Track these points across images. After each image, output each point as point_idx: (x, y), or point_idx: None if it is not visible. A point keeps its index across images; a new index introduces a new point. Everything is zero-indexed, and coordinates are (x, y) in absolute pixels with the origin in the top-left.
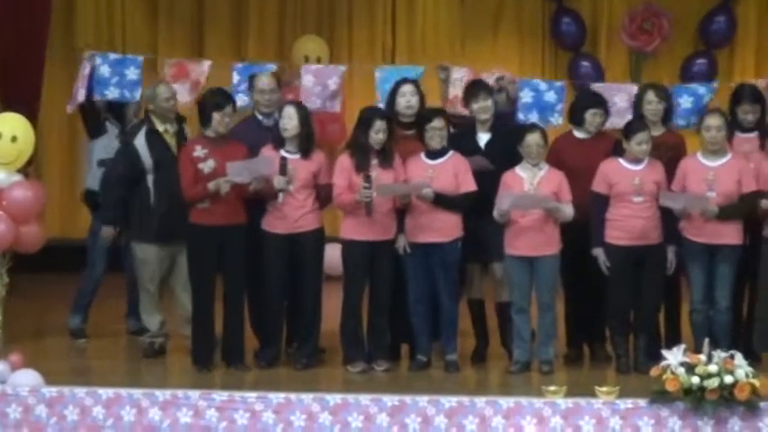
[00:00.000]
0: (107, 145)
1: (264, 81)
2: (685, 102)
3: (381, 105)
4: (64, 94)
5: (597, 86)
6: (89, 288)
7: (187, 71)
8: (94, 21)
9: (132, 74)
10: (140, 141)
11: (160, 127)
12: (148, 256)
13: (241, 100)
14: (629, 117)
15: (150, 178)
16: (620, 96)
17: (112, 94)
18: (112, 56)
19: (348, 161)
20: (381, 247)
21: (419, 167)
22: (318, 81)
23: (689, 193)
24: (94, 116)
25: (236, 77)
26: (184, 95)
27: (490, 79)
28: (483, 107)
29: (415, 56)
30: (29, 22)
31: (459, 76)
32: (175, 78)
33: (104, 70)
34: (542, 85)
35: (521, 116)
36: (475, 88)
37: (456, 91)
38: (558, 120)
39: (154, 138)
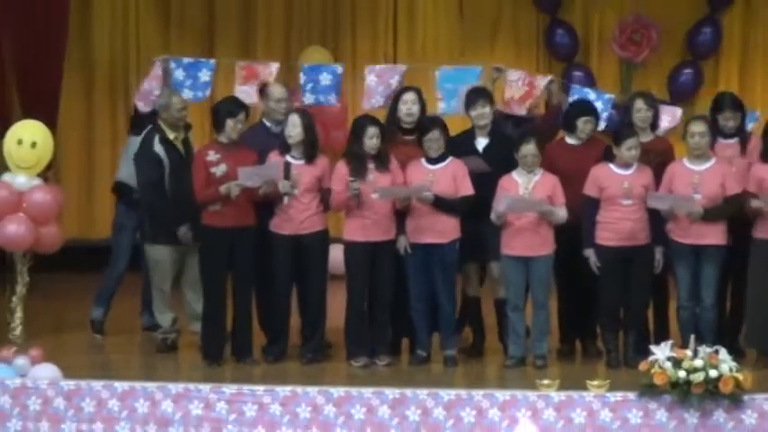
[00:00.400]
0: None
1: (279, 90)
2: None
3: (442, 104)
4: (81, 102)
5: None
6: (111, 282)
7: (256, 72)
8: (110, 31)
9: (205, 76)
10: (158, 147)
11: (170, 135)
12: (162, 257)
13: (307, 99)
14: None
15: (165, 182)
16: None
17: (187, 95)
18: (186, 60)
19: (345, 168)
20: (382, 248)
21: (420, 171)
22: (381, 80)
23: (675, 195)
24: (143, 114)
25: (302, 77)
26: (252, 97)
27: (543, 82)
28: (481, 114)
29: (415, 64)
30: (47, 32)
31: (516, 78)
32: (246, 80)
33: (179, 74)
34: (591, 95)
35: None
36: (474, 96)
37: (512, 92)
38: (600, 127)
39: (167, 144)
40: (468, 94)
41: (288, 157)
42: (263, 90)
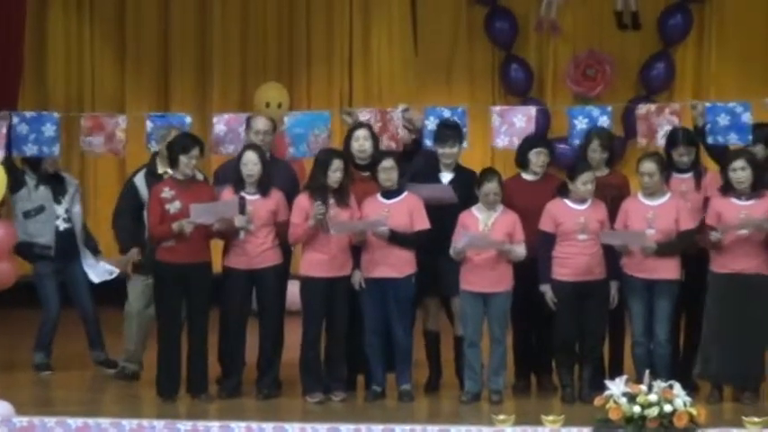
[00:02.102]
0: (27, 196)
1: (262, 122)
2: (722, 119)
3: (291, 150)
4: None
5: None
6: (48, 326)
7: (102, 124)
8: (65, 74)
9: (49, 131)
10: (139, 179)
11: (161, 169)
12: (133, 285)
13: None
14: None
15: (145, 214)
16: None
17: (30, 150)
18: (29, 114)
19: (306, 201)
20: (338, 283)
21: (375, 206)
22: (230, 128)
23: (628, 231)
24: (13, 172)
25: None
26: (100, 147)
27: (397, 113)
28: (449, 153)
29: (372, 101)
30: (1, 74)
31: (366, 118)
32: (91, 131)
33: (22, 128)
34: (446, 112)
35: (427, 142)
36: (445, 134)
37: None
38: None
39: (151, 178)
40: (440, 131)
41: (242, 193)
42: (248, 122)
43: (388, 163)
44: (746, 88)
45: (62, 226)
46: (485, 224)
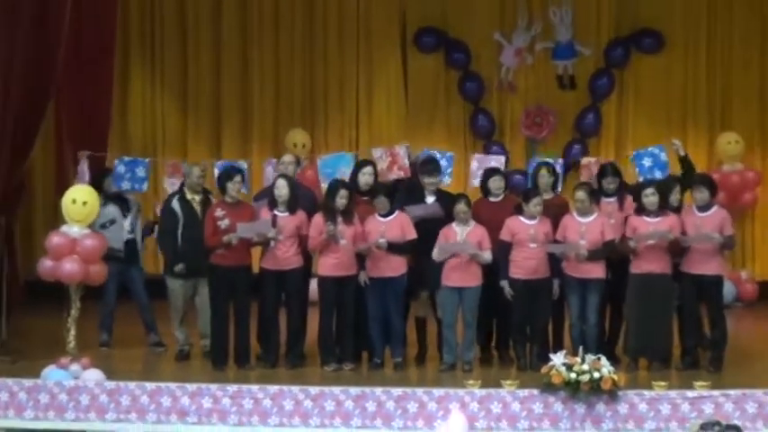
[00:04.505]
0: (101, 212)
1: (288, 157)
2: (646, 161)
3: (323, 186)
4: None
5: None
6: (106, 313)
7: (180, 169)
8: (142, 125)
9: (141, 172)
10: (175, 203)
11: (189, 196)
12: (174, 287)
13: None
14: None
15: (179, 231)
16: None
17: (126, 186)
18: (126, 158)
19: (320, 219)
20: (347, 281)
21: (375, 224)
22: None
23: (566, 243)
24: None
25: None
26: (175, 186)
27: (402, 150)
28: (433, 182)
29: (374, 144)
30: (95, 116)
31: (379, 155)
32: (172, 174)
33: (121, 169)
34: (438, 154)
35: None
36: (430, 167)
37: (381, 164)
38: (448, 180)
39: (183, 202)
40: (425, 166)
41: (275, 211)
42: (278, 158)
43: (380, 199)
44: (657, 134)
45: (127, 236)
46: (460, 235)
